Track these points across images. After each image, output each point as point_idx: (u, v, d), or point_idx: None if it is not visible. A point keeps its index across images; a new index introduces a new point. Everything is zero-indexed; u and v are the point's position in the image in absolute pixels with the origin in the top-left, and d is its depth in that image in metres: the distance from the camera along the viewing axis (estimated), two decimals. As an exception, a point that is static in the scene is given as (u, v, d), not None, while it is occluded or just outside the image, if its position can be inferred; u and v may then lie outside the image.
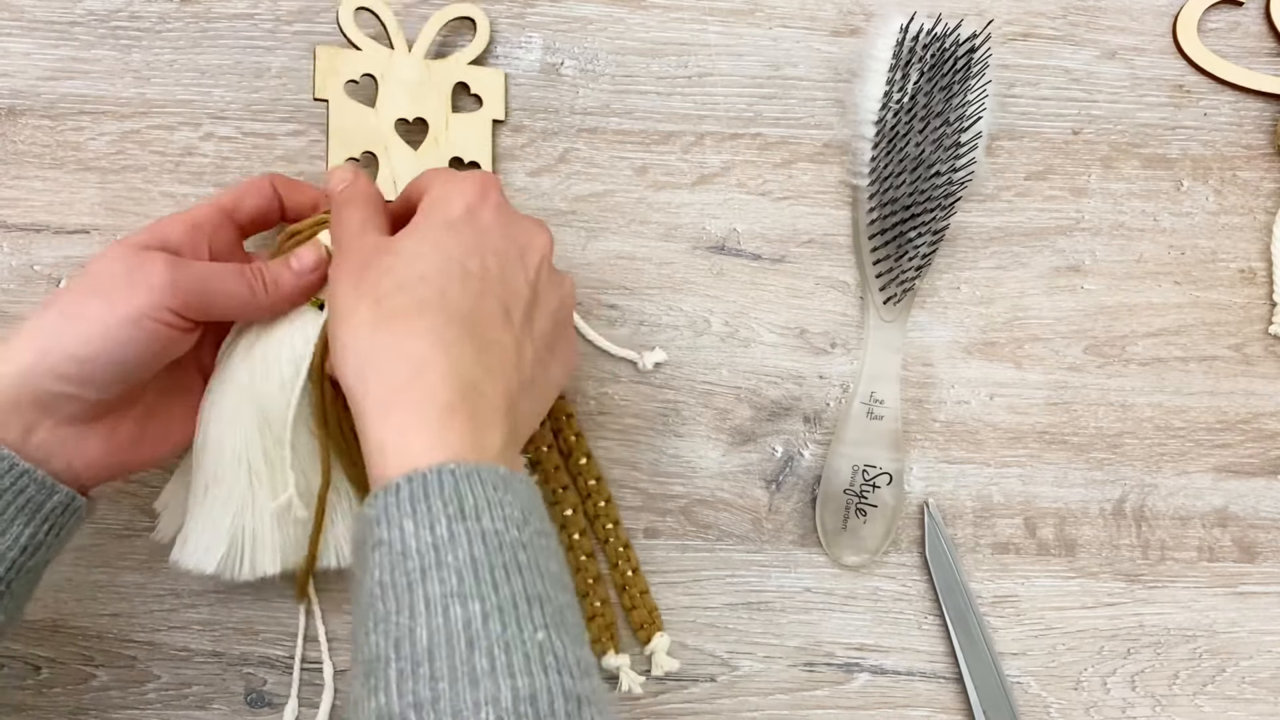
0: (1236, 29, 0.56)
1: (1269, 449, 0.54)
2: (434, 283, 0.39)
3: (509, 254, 0.41)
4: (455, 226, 0.41)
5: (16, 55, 0.55)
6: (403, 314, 0.38)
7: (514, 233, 0.42)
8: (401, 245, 0.41)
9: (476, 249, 0.40)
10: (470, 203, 0.42)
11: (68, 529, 0.43)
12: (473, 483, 0.35)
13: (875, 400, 0.53)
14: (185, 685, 0.53)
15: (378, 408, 0.37)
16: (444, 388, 0.37)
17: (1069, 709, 0.53)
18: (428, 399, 0.37)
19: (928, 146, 0.52)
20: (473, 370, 0.38)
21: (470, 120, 0.54)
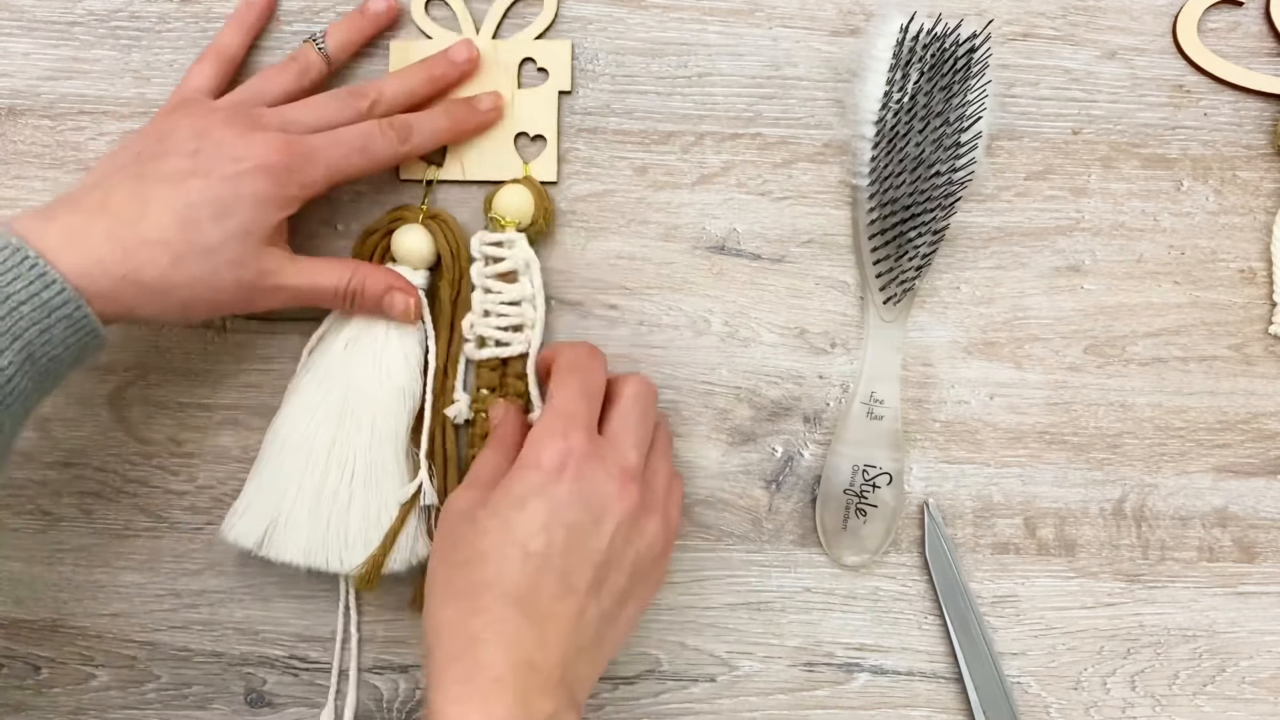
0: (1236, 29, 0.56)
1: (1269, 449, 0.54)
2: (492, 563, 0.42)
3: (581, 526, 0.43)
4: (525, 503, 0.43)
5: (16, 55, 0.55)
6: (463, 592, 0.42)
7: (590, 501, 0.43)
8: (478, 515, 0.43)
9: (543, 528, 0.42)
10: (547, 477, 0.43)
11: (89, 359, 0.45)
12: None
13: (875, 400, 0.53)
14: (185, 685, 0.53)
15: (437, 675, 0.40)
16: (494, 663, 0.40)
17: (1069, 709, 0.53)
18: (479, 672, 0.40)
19: (928, 146, 0.52)
20: (525, 646, 0.40)
21: (536, 94, 0.54)
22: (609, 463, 0.44)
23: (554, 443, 0.43)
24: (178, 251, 0.44)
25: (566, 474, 0.43)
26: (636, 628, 0.46)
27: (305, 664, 0.53)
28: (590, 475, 0.43)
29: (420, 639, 0.45)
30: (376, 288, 0.50)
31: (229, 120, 0.47)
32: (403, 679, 0.53)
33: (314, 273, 0.48)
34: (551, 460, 0.43)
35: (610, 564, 0.43)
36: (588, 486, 0.43)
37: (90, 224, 0.43)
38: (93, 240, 0.43)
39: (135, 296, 0.44)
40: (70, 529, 0.53)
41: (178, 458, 0.53)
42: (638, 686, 0.53)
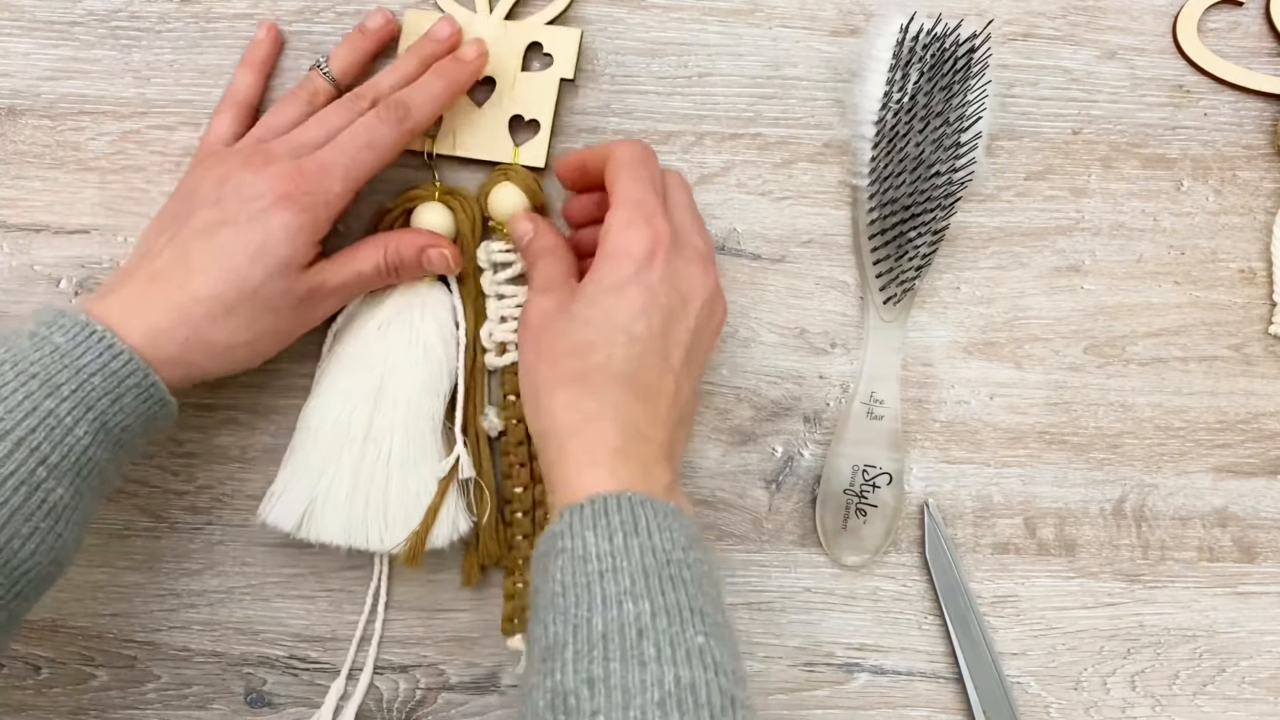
0: (1236, 29, 0.56)
1: (1269, 449, 0.54)
2: (601, 349, 0.43)
3: (673, 308, 0.45)
4: (623, 289, 0.44)
5: (16, 55, 0.55)
6: (573, 378, 0.43)
7: (678, 284, 0.45)
8: (574, 309, 0.45)
9: (643, 311, 0.44)
10: (640, 262, 0.44)
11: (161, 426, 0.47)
12: (645, 508, 0.40)
13: (875, 400, 0.53)
14: (185, 685, 0.53)
15: (557, 451, 0.42)
16: (613, 435, 0.42)
17: (1069, 709, 0.53)
18: (600, 443, 0.42)
19: (928, 146, 0.52)
20: (638, 420, 0.43)
21: (537, 79, 0.54)
22: (687, 248, 0.46)
23: (641, 230, 0.45)
24: (229, 302, 0.45)
25: (657, 259, 0.44)
26: None
27: (305, 664, 0.53)
28: (676, 259, 0.45)
29: None
30: (412, 251, 0.50)
31: (245, 161, 0.48)
32: (403, 679, 0.53)
33: (352, 263, 0.49)
34: (642, 247, 0.44)
35: (695, 342, 0.46)
36: (676, 270, 0.45)
37: (145, 294, 0.45)
38: (150, 309, 0.45)
39: (203, 356, 0.45)
40: (70, 529, 0.53)
41: (178, 458, 0.53)
42: (638, 686, 0.53)
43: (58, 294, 0.54)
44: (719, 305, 0.47)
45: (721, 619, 0.39)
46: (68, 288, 0.54)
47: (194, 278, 0.45)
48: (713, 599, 0.39)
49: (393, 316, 0.51)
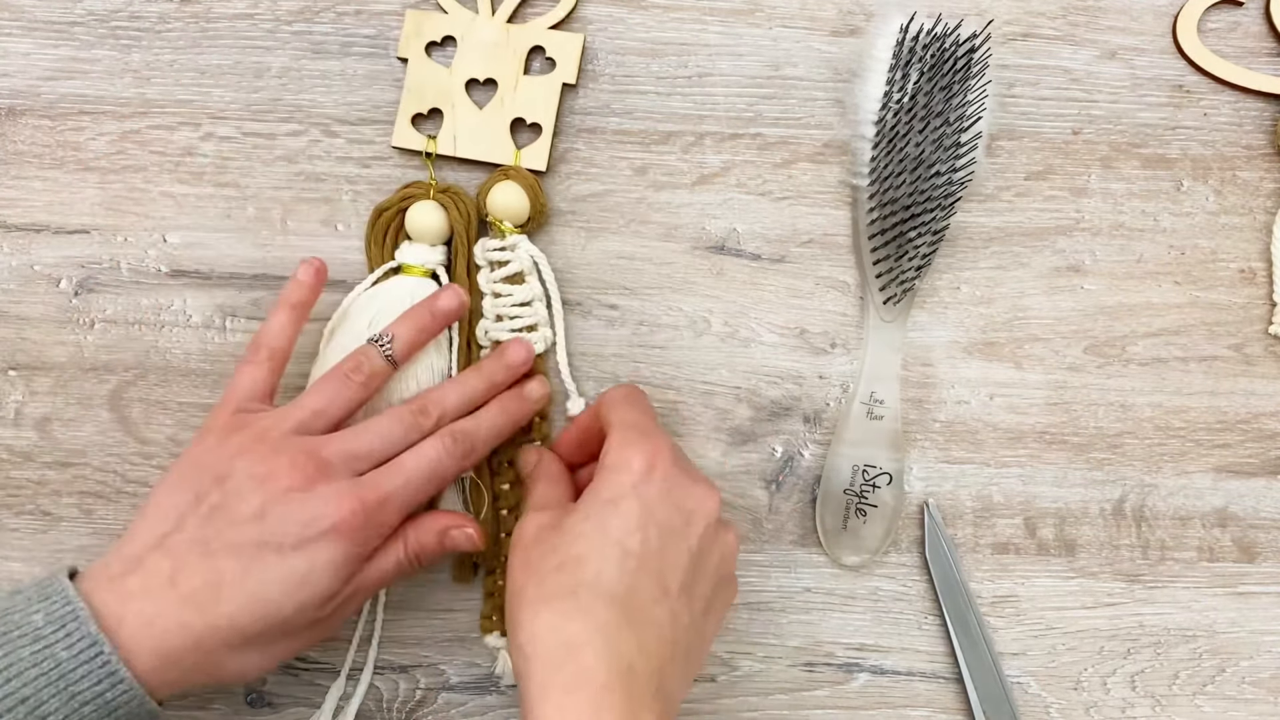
0: (1236, 29, 0.56)
1: (1269, 449, 0.54)
2: (591, 564, 0.41)
3: (672, 525, 0.42)
4: (619, 502, 0.42)
5: (16, 55, 0.55)
6: (560, 595, 0.40)
7: (680, 501, 0.43)
8: (567, 523, 0.42)
9: (638, 526, 0.41)
10: (637, 476, 0.42)
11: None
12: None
13: (875, 400, 0.53)
14: (185, 685, 0.53)
15: (539, 688, 0.39)
16: (599, 668, 0.38)
17: (1069, 709, 0.53)
18: (583, 681, 0.38)
19: (928, 146, 0.52)
20: (627, 651, 0.39)
21: (539, 83, 0.54)
22: (689, 467, 0.45)
23: (639, 445, 0.43)
24: (250, 634, 0.42)
25: (656, 474, 0.43)
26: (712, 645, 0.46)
27: (305, 664, 0.53)
28: (677, 477, 0.43)
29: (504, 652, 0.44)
30: (432, 537, 0.47)
31: (293, 465, 0.43)
32: (403, 679, 0.53)
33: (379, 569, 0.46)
34: (640, 462, 0.43)
35: (698, 567, 0.43)
36: (676, 487, 0.43)
37: (162, 609, 0.41)
38: (165, 629, 0.41)
39: (206, 678, 0.43)
40: (70, 529, 0.53)
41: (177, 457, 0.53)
42: (638, 686, 0.53)
43: (58, 294, 0.54)
44: (728, 535, 0.45)
45: None
46: (68, 288, 0.54)
47: (220, 603, 0.41)
48: None
49: (380, 314, 0.51)
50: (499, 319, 0.53)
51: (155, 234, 0.54)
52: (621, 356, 0.54)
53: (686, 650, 0.42)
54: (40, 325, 0.54)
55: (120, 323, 0.54)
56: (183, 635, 0.41)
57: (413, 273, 0.52)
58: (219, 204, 0.54)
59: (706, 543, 0.43)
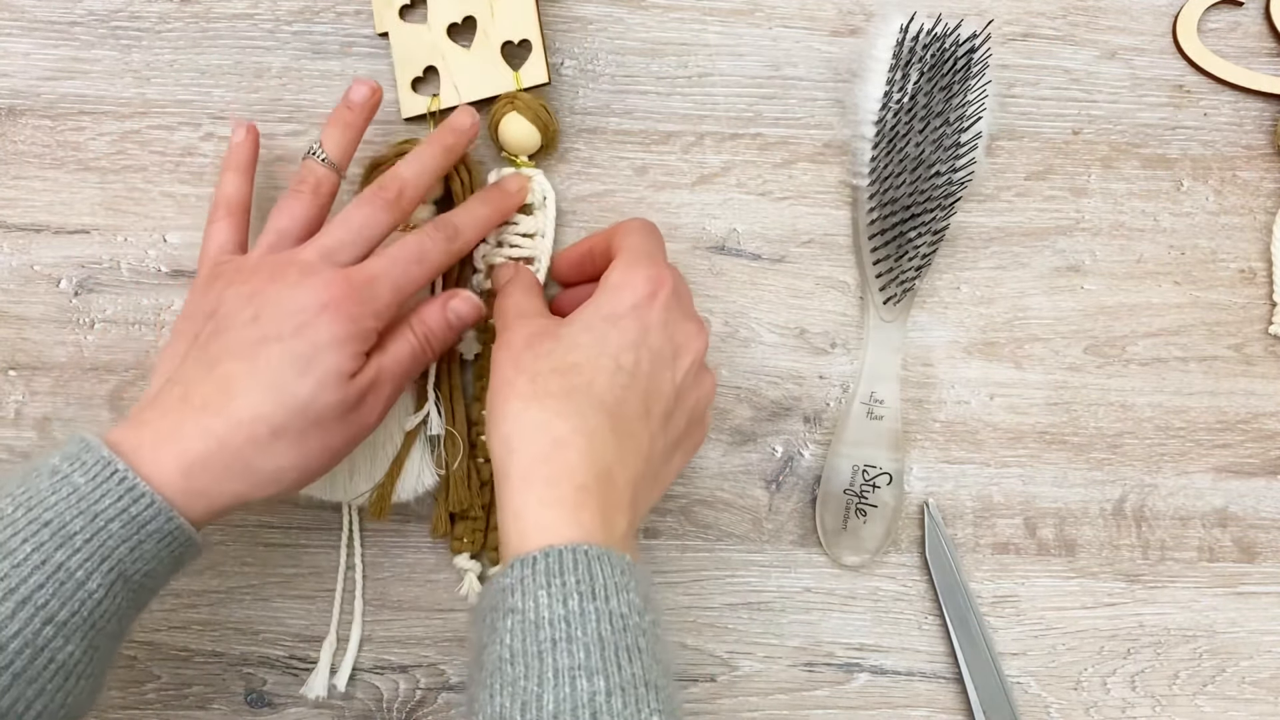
0: (1236, 29, 0.56)
1: (1269, 449, 0.54)
2: (586, 372, 0.42)
3: (663, 354, 0.43)
4: (619, 321, 0.43)
5: (16, 55, 0.55)
6: (553, 395, 0.41)
7: (673, 333, 0.44)
8: (564, 331, 0.43)
9: (633, 345, 0.43)
10: (640, 298, 0.43)
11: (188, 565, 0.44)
12: (603, 565, 0.37)
13: (875, 400, 0.53)
14: (185, 685, 0.53)
15: (519, 477, 0.40)
16: (581, 468, 0.39)
17: (1069, 709, 0.53)
18: (565, 476, 0.39)
19: (928, 146, 0.52)
20: (608, 457, 0.40)
21: (513, 2, 0.54)
22: (687, 304, 0.45)
23: (646, 270, 0.44)
24: (276, 423, 0.42)
25: (658, 301, 0.44)
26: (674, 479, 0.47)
27: (305, 664, 0.53)
28: (675, 309, 0.44)
29: None
30: (435, 317, 0.48)
31: (273, 274, 0.44)
32: (403, 679, 0.53)
33: (393, 356, 0.46)
34: (646, 286, 0.44)
35: (679, 400, 0.44)
36: (674, 319, 0.44)
37: (178, 423, 0.41)
38: (185, 439, 0.41)
39: (245, 484, 0.42)
40: (70, 529, 0.53)
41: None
42: (638, 686, 0.53)
43: (58, 294, 0.54)
44: (708, 378, 0.46)
45: (671, 688, 0.37)
46: (68, 288, 0.54)
47: (235, 401, 0.42)
48: (665, 666, 0.37)
49: None
50: (499, 244, 0.53)
51: (155, 234, 0.54)
52: (621, 356, 0.54)
53: (655, 473, 0.44)
54: (40, 325, 0.54)
55: (120, 323, 0.54)
56: (204, 439, 0.41)
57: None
58: (219, 204, 0.54)
59: (689, 379, 0.44)
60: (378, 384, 0.45)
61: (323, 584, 0.53)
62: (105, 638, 0.40)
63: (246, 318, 0.43)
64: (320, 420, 0.43)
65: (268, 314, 0.43)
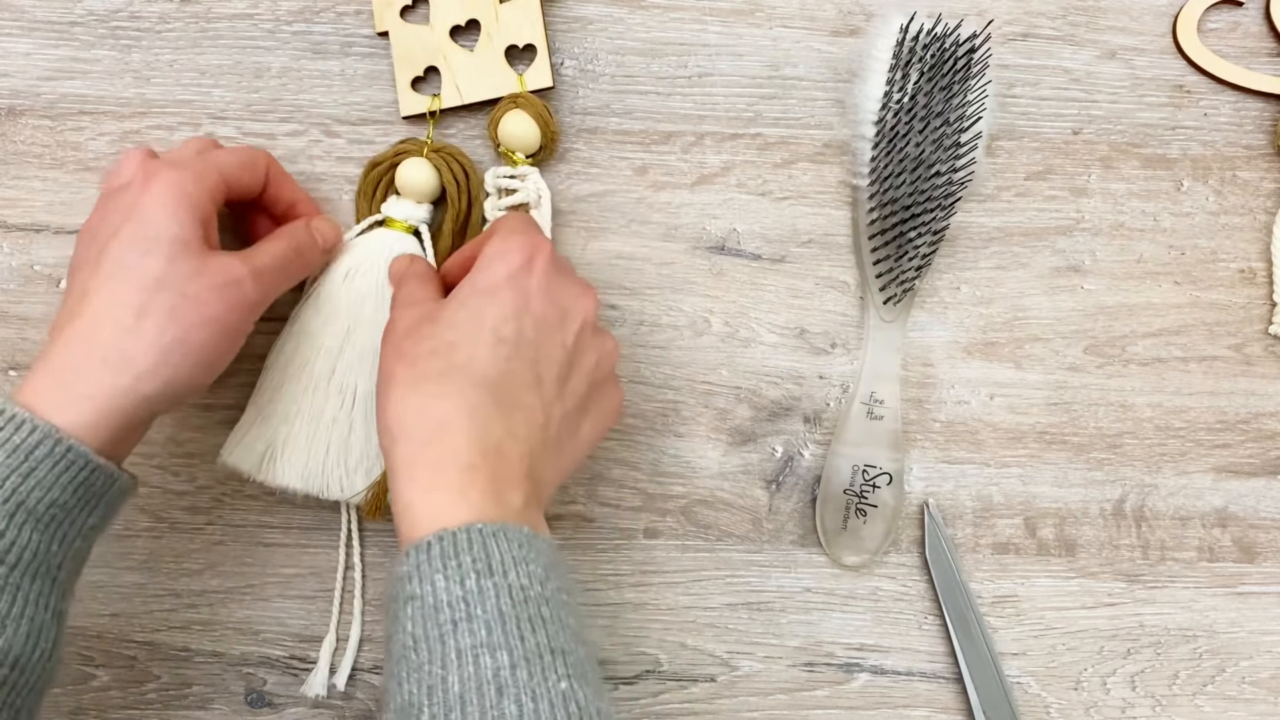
0: (1236, 29, 0.56)
1: (1269, 449, 0.54)
2: (464, 349, 0.41)
3: (548, 319, 0.43)
4: (496, 292, 0.42)
5: (16, 55, 0.55)
6: (431, 377, 0.41)
7: (557, 297, 0.43)
8: (441, 313, 0.43)
9: (514, 315, 0.42)
10: (515, 267, 0.43)
11: (121, 507, 0.44)
12: (499, 540, 0.37)
13: (875, 400, 0.53)
14: (185, 685, 0.53)
15: (405, 466, 0.39)
16: (466, 448, 0.39)
17: (1069, 709, 0.53)
18: (450, 458, 0.39)
19: (928, 146, 0.52)
20: (495, 433, 0.40)
21: (518, 5, 0.54)
22: (567, 272, 0.45)
23: (520, 240, 0.44)
24: (135, 304, 0.41)
25: (535, 268, 0.43)
26: (591, 451, 0.46)
27: (305, 664, 0.53)
28: (555, 275, 0.44)
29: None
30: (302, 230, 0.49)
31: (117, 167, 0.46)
32: (403, 679, 0.53)
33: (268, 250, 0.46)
34: (519, 256, 0.43)
35: (574, 365, 0.43)
36: (555, 284, 0.43)
37: (49, 348, 0.41)
38: (54, 355, 0.41)
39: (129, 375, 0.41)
40: (70, 529, 0.53)
41: (178, 458, 0.53)
42: (638, 686, 0.53)
43: (58, 294, 0.54)
44: (606, 340, 0.45)
45: (584, 651, 0.37)
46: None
47: (90, 301, 0.41)
48: (574, 631, 0.37)
49: (359, 265, 0.51)
50: None
51: (155, 234, 0.54)
52: (622, 356, 0.54)
53: (558, 440, 0.43)
54: (40, 325, 0.54)
55: (120, 323, 0.54)
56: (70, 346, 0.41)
57: (396, 227, 0.52)
58: (219, 204, 0.54)
59: (583, 342, 0.44)
60: (253, 268, 0.45)
61: (323, 584, 0.53)
62: (27, 577, 0.39)
63: (96, 218, 0.45)
64: (186, 293, 0.42)
65: (108, 214, 0.44)
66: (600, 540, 0.53)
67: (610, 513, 0.54)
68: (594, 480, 0.54)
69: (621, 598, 0.53)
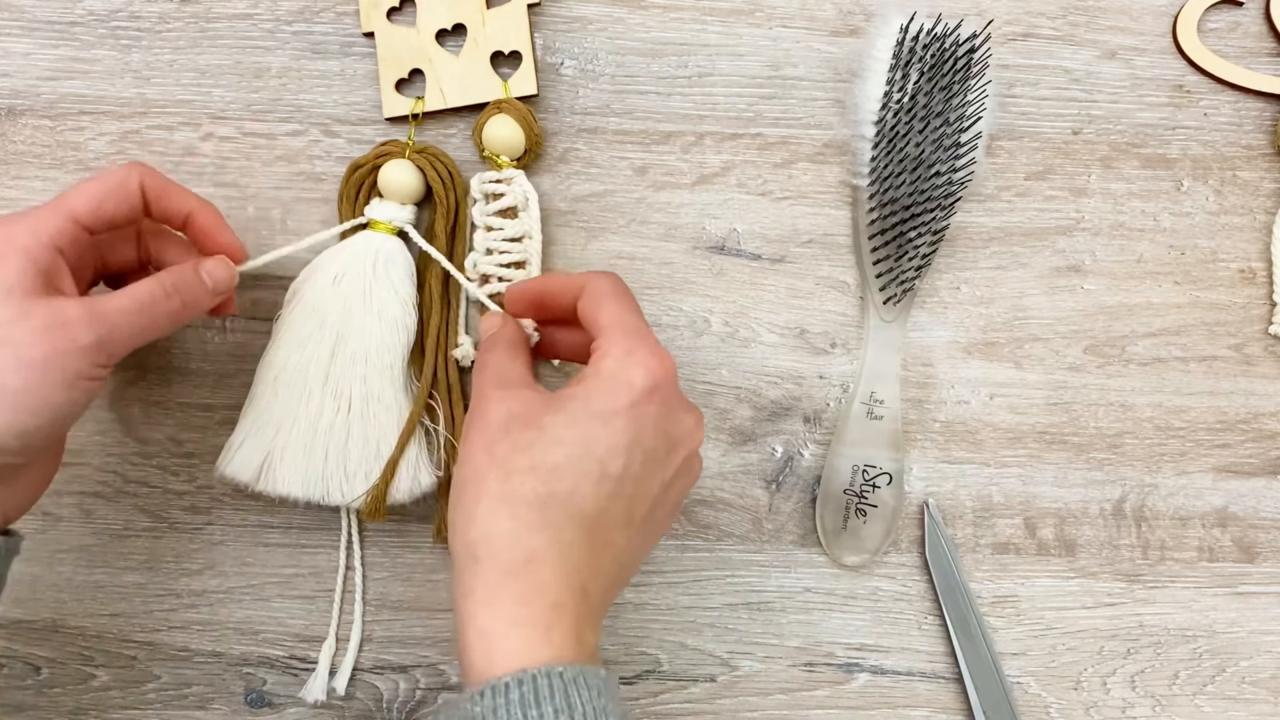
0: (1236, 29, 0.56)
1: (1269, 449, 0.54)
2: (568, 477, 0.38)
3: (656, 454, 0.40)
4: (611, 420, 0.39)
5: (16, 55, 0.55)
6: (529, 502, 0.38)
7: (670, 428, 0.41)
8: (548, 423, 0.39)
9: (625, 449, 0.39)
10: (638, 396, 0.39)
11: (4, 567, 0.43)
12: (579, 689, 0.35)
13: (875, 400, 0.53)
14: (185, 685, 0.53)
15: (485, 589, 0.37)
16: (554, 585, 0.37)
17: (1069, 709, 0.53)
18: (536, 594, 0.37)
19: (928, 146, 0.52)
20: (584, 571, 0.38)
21: (505, 12, 0.54)
22: (681, 393, 0.42)
23: (645, 360, 0.40)
24: None
25: (656, 397, 0.40)
26: None
27: (305, 664, 0.53)
28: (673, 404, 0.41)
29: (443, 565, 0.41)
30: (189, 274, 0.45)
31: None
32: (403, 679, 0.53)
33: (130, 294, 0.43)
34: (645, 381, 0.39)
35: (664, 499, 0.41)
36: (670, 413, 0.40)
37: None
38: None
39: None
40: (70, 529, 0.53)
41: (178, 458, 0.53)
42: (638, 686, 0.53)
43: (58, 294, 0.54)
44: (697, 464, 0.43)
45: None
46: (68, 288, 0.54)
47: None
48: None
49: (346, 269, 0.51)
50: (489, 252, 0.53)
51: (155, 234, 0.54)
52: (621, 356, 0.54)
53: (628, 574, 0.41)
54: (40, 325, 0.54)
55: (120, 323, 0.54)
56: None
57: (380, 229, 0.52)
58: (219, 204, 0.54)
59: (680, 475, 0.42)
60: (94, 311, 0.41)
61: (323, 584, 0.53)
62: None
63: None
64: (3, 336, 0.39)
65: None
66: (600, 540, 0.53)
67: (610, 513, 0.54)
68: (594, 480, 0.54)
69: (621, 597, 0.53)
